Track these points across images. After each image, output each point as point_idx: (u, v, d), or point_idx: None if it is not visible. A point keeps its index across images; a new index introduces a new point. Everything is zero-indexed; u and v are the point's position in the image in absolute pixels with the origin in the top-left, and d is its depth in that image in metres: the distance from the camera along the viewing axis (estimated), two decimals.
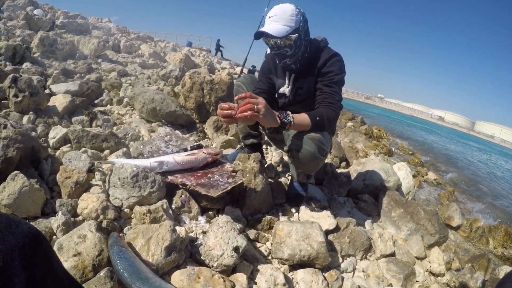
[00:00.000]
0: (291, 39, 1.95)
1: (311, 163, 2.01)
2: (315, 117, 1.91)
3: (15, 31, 5.75)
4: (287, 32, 1.91)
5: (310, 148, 1.91)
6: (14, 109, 2.62)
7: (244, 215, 2.01)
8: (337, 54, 2.06)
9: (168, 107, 3.27)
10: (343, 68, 2.05)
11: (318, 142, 1.92)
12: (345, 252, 1.99)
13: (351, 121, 8.77)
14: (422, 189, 4.65)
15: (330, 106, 1.99)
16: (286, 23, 1.91)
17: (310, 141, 1.91)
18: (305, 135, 1.93)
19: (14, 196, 1.53)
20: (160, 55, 7.81)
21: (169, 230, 1.45)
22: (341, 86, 2.05)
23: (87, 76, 4.21)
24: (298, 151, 1.95)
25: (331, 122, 1.98)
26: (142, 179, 1.78)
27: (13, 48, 4.01)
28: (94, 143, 2.33)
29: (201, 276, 1.40)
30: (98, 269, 1.32)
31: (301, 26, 1.96)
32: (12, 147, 1.72)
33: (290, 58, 2.06)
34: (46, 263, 0.69)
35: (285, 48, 2.00)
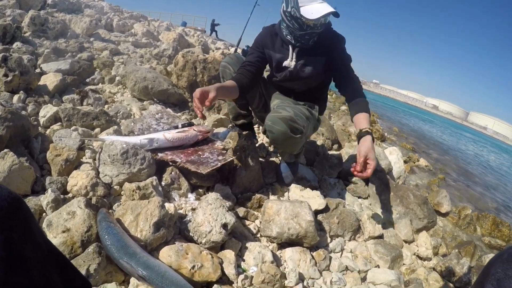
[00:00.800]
0: (326, 20, 1.95)
1: (286, 142, 2.00)
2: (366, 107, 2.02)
3: (5, 11, 5.60)
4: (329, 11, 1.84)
5: (281, 128, 1.90)
6: (4, 89, 2.58)
7: (234, 193, 2.01)
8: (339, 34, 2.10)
9: (160, 86, 3.24)
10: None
11: (289, 121, 1.90)
12: (333, 232, 2.01)
13: (344, 105, 8.74)
14: (413, 174, 4.69)
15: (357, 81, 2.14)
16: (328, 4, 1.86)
17: (280, 121, 1.89)
18: (276, 115, 1.92)
19: (4, 174, 1.53)
20: (153, 34, 7.69)
21: (158, 206, 1.46)
22: None
23: (78, 55, 4.14)
24: (271, 132, 1.94)
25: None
26: (132, 156, 1.78)
27: (3, 28, 3.92)
28: (84, 121, 2.31)
29: (189, 252, 1.41)
30: (87, 245, 1.32)
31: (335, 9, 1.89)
32: (1, 125, 1.71)
33: (313, 39, 2.03)
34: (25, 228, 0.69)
35: (316, 29, 1.96)
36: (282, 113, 1.93)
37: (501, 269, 0.72)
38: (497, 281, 0.72)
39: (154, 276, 1.20)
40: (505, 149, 33.60)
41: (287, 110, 1.96)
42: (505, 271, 0.71)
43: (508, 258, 0.73)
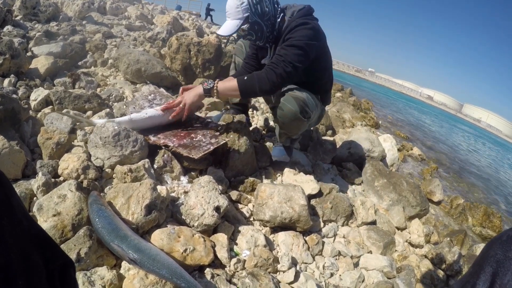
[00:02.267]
0: (244, 30, 1.95)
1: (293, 123, 2.01)
2: (243, 79, 1.91)
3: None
4: (237, 25, 1.91)
5: (292, 107, 1.92)
6: None
7: (227, 176, 2.00)
8: (306, 23, 1.92)
9: (154, 68, 3.21)
10: (308, 36, 1.89)
11: (302, 102, 1.92)
12: (326, 217, 2.01)
13: (339, 92, 8.73)
14: (406, 163, 4.71)
15: (269, 66, 1.90)
16: (235, 16, 1.91)
17: (293, 100, 1.92)
18: (291, 93, 1.94)
19: None
20: (147, 17, 7.58)
21: (150, 188, 1.44)
22: (300, 50, 1.88)
23: (70, 38, 4.08)
24: (281, 109, 1.95)
25: (263, 82, 1.87)
26: (124, 138, 1.75)
27: None
28: (76, 104, 2.28)
29: (182, 235, 1.40)
30: (78, 228, 1.30)
31: (251, 12, 1.90)
32: None
33: (259, 40, 2.04)
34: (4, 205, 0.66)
35: (247, 36, 2.01)
36: (296, 93, 1.94)
37: (500, 250, 0.72)
38: (496, 262, 0.71)
39: (145, 259, 1.19)
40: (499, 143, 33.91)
41: (301, 91, 1.97)
42: (505, 253, 0.71)
43: (508, 240, 0.72)
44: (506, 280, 0.68)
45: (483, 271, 0.73)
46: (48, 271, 0.76)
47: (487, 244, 0.79)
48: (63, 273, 0.83)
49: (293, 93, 1.95)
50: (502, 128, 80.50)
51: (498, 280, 0.70)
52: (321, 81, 2.24)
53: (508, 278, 0.68)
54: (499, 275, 0.70)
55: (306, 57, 1.90)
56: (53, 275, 0.79)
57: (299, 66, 1.89)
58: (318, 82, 2.22)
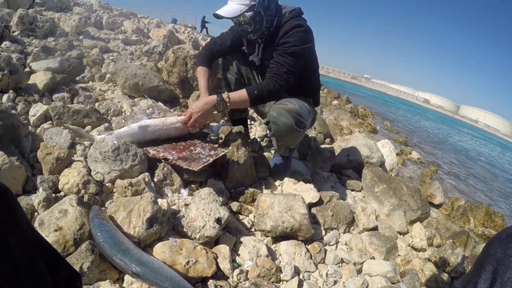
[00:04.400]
0: (246, 17, 1.96)
1: (289, 135, 2.03)
2: (253, 91, 1.97)
3: None
4: (241, 11, 1.92)
5: (287, 120, 1.93)
6: None
7: (227, 187, 2.01)
8: (301, 25, 1.98)
9: (151, 82, 3.22)
10: (304, 39, 1.98)
11: (295, 114, 1.94)
12: (328, 225, 2.01)
13: (336, 100, 8.77)
14: (406, 167, 4.72)
15: (273, 77, 1.97)
16: (241, 1, 1.92)
17: (286, 113, 1.93)
18: (283, 107, 1.96)
19: None
20: (143, 31, 7.63)
21: (151, 202, 1.45)
22: (297, 57, 1.97)
23: (68, 53, 4.10)
24: (275, 124, 1.97)
25: (272, 93, 1.98)
26: (124, 153, 1.76)
27: None
28: (75, 119, 2.29)
29: (183, 247, 1.40)
30: (80, 243, 1.31)
31: (259, 2, 1.94)
32: None
33: (253, 33, 2.06)
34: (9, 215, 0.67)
35: (245, 26, 2.02)
36: (288, 105, 1.96)
37: (500, 249, 0.73)
38: (496, 261, 0.72)
39: (148, 272, 1.19)
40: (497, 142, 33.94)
41: (292, 103, 2.00)
42: (505, 251, 0.72)
43: (507, 238, 0.73)
44: (506, 277, 0.69)
45: (484, 269, 0.74)
46: (54, 282, 0.77)
47: (487, 243, 0.80)
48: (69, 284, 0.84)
49: (285, 106, 1.97)
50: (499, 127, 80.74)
51: (499, 278, 0.71)
52: (312, 81, 2.30)
53: (508, 276, 0.69)
54: (500, 273, 0.71)
55: (302, 61, 2.01)
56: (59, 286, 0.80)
57: (296, 72, 1.99)
58: (310, 82, 2.28)
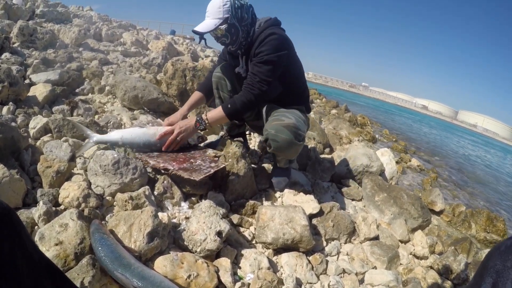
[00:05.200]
0: (221, 30, 2.01)
1: (290, 150, 2.05)
2: (226, 106, 2.06)
3: None
4: (215, 24, 1.97)
5: (286, 136, 1.95)
6: None
7: (227, 200, 2.01)
8: (274, 33, 2.01)
9: (150, 95, 3.23)
10: (278, 47, 1.99)
11: (294, 128, 1.97)
12: (329, 235, 2.01)
13: (335, 109, 8.78)
14: (405, 175, 4.72)
15: (246, 88, 2.04)
16: (215, 16, 1.98)
17: (285, 129, 1.95)
18: (280, 123, 1.98)
19: None
20: (142, 43, 7.68)
21: (151, 215, 1.44)
22: (272, 65, 2.00)
23: (67, 65, 4.12)
24: (275, 141, 1.99)
25: (245, 105, 2.03)
26: (124, 166, 1.76)
27: None
28: (75, 132, 2.29)
29: (185, 261, 1.40)
30: (80, 257, 1.30)
31: (232, 14, 1.99)
32: None
33: (232, 45, 2.11)
34: (15, 238, 0.68)
35: (222, 38, 2.07)
36: (285, 120, 1.98)
37: (499, 261, 0.73)
38: (496, 273, 0.72)
39: (149, 286, 1.19)
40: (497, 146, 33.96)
41: (288, 117, 2.02)
42: (504, 263, 0.72)
43: (506, 250, 0.73)
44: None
45: (483, 281, 0.74)
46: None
47: (487, 255, 0.80)
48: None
49: (282, 121, 1.99)
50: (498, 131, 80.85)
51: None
52: (299, 89, 2.32)
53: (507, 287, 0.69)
54: (499, 285, 0.71)
55: (278, 69, 2.03)
56: None
57: (273, 80, 2.02)
58: (296, 89, 2.29)
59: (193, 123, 2.09)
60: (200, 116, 2.08)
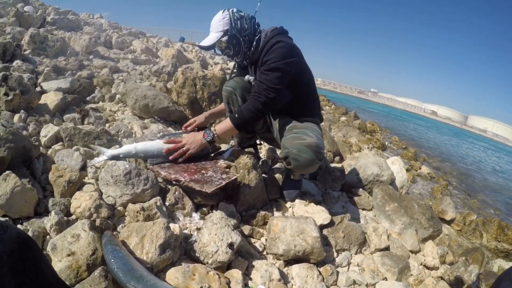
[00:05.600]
0: (223, 42, 2.07)
1: (310, 168, 2.06)
2: (234, 116, 2.08)
3: (5, 28, 5.66)
4: (217, 37, 2.04)
5: (308, 156, 1.94)
6: (4, 108, 2.58)
7: (238, 210, 2.01)
8: (281, 41, 2.02)
9: (161, 103, 3.25)
10: (285, 54, 1.99)
11: (315, 148, 1.95)
12: (339, 246, 2.00)
13: (344, 116, 8.75)
14: (416, 183, 4.68)
15: (253, 96, 2.05)
16: (217, 29, 2.05)
17: (307, 149, 1.94)
18: (301, 142, 1.96)
19: (6, 197, 1.51)
20: (152, 50, 7.74)
21: (163, 227, 1.45)
22: (280, 72, 1.99)
23: (78, 73, 4.16)
24: (296, 160, 1.98)
25: (252, 113, 2.04)
26: (135, 177, 1.77)
27: (3, 46, 3.94)
28: (86, 140, 2.31)
29: (196, 273, 1.39)
30: (93, 268, 1.31)
31: (231, 26, 2.04)
32: (3, 147, 1.69)
33: (236, 56, 2.16)
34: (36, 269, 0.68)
35: (226, 50, 2.13)
36: (307, 140, 1.97)
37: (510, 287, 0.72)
38: None
39: None
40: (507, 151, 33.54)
41: (309, 135, 2.00)
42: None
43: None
44: None
45: None
46: None
47: (496, 281, 0.79)
48: None
49: (304, 140, 1.98)
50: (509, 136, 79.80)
51: None
52: (310, 97, 2.31)
53: None
54: None
55: (287, 75, 2.02)
56: None
57: (281, 88, 2.01)
58: (307, 98, 2.28)
59: (201, 135, 2.10)
60: (209, 129, 2.10)
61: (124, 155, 2.03)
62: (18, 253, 0.65)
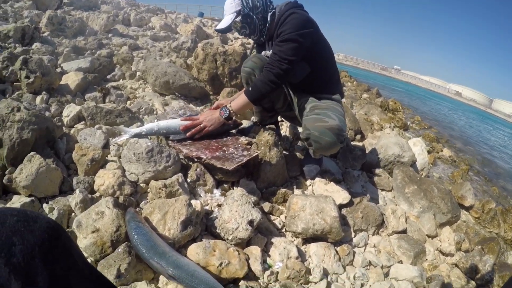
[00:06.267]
0: (238, 23, 2.08)
1: (331, 150, 2.04)
2: (248, 90, 2.09)
3: (23, 12, 5.71)
4: (231, 19, 2.07)
5: (330, 139, 1.91)
6: (26, 90, 2.63)
7: (258, 187, 2.03)
8: (294, 13, 2.00)
9: (181, 80, 3.26)
10: (299, 25, 1.96)
11: (338, 131, 1.92)
12: (357, 227, 2.00)
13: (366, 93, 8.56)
14: (436, 166, 4.59)
15: (266, 67, 2.04)
16: (229, 11, 2.08)
17: (329, 132, 1.91)
18: (323, 125, 1.93)
19: (32, 177, 1.57)
20: (171, 27, 7.70)
21: (185, 204, 1.48)
22: (294, 43, 1.96)
23: (98, 52, 4.19)
24: (318, 143, 1.95)
25: (266, 84, 2.02)
26: (157, 154, 1.80)
27: (22, 30, 3.98)
28: (108, 119, 2.35)
29: (217, 249, 1.43)
30: (117, 244, 1.35)
31: (244, 5, 2.05)
32: (26, 129, 1.73)
33: (253, 34, 2.16)
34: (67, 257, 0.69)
35: (242, 30, 2.14)
36: (329, 122, 1.94)
37: None
38: None
39: (184, 275, 1.22)
40: None
41: (332, 117, 1.97)
42: None
43: None
44: None
45: None
46: None
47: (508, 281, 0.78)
48: None
49: (325, 123, 1.94)
50: None
51: None
52: (329, 71, 2.27)
53: None
54: None
55: (301, 47, 1.98)
56: None
57: (295, 59, 1.98)
58: (326, 72, 2.25)
59: (217, 113, 2.13)
60: (225, 106, 2.12)
61: (146, 133, 2.06)
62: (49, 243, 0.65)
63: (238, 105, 2.10)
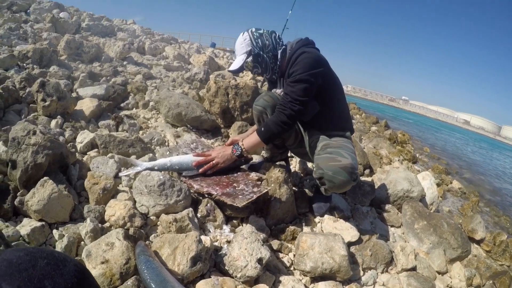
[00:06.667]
0: (248, 63, 2.13)
1: (344, 188, 2.03)
2: (260, 130, 2.11)
3: (42, 34, 5.90)
4: (243, 59, 2.12)
5: (344, 178, 1.91)
6: (42, 113, 2.70)
7: (268, 224, 2.03)
8: (305, 52, 2.03)
9: (194, 112, 3.31)
10: (310, 65, 1.99)
11: (350, 169, 1.92)
12: (366, 265, 1.98)
13: (375, 125, 8.59)
14: (446, 199, 4.55)
15: (278, 109, 2.07)
16: (241, 52, 2.13)
17: (343, 171, 1.91)
18: (337, 164, 1.93)
19: (44, 202, 1.59)
20: (184, 57, 7.87)
21: (195, 240, 1.48)
22: (305, 83, 1.98)
23: (113, 79, 4.28)
24: (332, 182, 1.95)
25: (278, 125, 2.05)
26: (169, 188, 1.82)
27: (40, 52, 4.13)
28: (121, 148, 2.38)
29: (225, 286, 1.42)
30: (126, 277, 1.35)
31: (254, 45, 2.10)
32: (41, 153, 1.76)
33: (265, 73, 2.20)
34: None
35: (254, 69, 2.19)
36: (342, 161, 1.94)
37: None
38: None
39: None
40: None
41: (344, 156, 1.98)
42: None
43: None
44: None
45: None
46: None
47: None
48: None
49: (339, 162, 1.94)
50: None
51: None
52: (338, 108, 2.28)
53: None
54: None
55: (312, 87, 2.01)
56: None
57: (307, 100, 2.01)
58: (336, 110, 2.26)
59: (230, 150, 2.15)
60: (237, 145, 2.15)
61: (159, 168, 2.08)
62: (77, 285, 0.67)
63: (250, 144, 2.13)
